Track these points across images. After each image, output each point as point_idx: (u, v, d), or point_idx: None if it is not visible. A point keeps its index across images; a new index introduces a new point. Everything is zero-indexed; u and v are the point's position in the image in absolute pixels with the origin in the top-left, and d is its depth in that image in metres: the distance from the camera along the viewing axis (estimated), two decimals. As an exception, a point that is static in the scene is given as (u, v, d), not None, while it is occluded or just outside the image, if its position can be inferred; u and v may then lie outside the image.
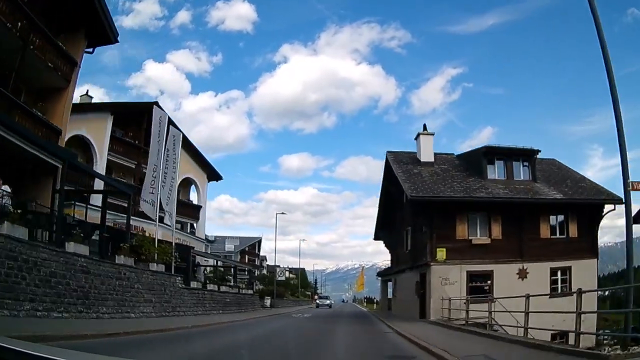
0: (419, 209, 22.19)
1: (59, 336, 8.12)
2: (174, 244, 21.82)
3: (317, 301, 55.27)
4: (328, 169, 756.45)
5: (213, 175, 40.03)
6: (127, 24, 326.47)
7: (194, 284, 22.31)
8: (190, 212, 37.37)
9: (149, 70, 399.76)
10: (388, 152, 27.41)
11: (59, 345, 6.15)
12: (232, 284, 35.22)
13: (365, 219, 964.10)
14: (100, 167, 25.95)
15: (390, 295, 38.57)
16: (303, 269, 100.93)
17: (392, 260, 33.96)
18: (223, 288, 27.42)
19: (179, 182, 35.71)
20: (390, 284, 37.08)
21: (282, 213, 45.64)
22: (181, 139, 23.70)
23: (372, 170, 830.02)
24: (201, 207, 38.35)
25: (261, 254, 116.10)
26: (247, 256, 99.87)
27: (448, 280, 21.06)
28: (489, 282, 21.74)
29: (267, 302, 36.31)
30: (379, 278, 41.94)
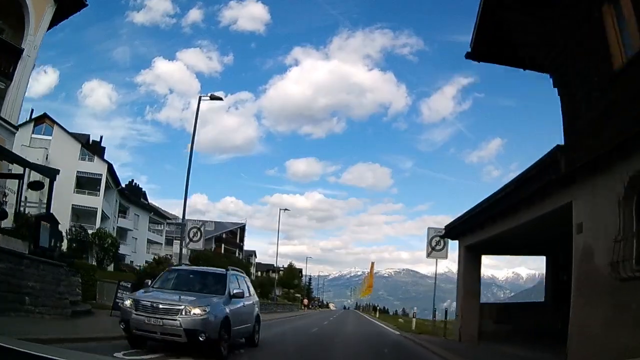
0: None
1: None
2: None
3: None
4: (335, 174, 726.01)
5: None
6: (138, 20, 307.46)
7: None
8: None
9: (158, 67, 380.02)
10: None
11: None
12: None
13: (370, 226, 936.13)
14: None
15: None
16: (300, 269, 77.06)
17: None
18: None
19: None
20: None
21: (215, 97, 22.42)
22: None
23: (378, 177, 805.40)
24: (22, 51, 15.47)
25: (246, 248, 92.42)
26: (223, 245, 76.83)
27: None
28: None
29: (127, 299, 10.74)
30: (445, 242, 18.07)
